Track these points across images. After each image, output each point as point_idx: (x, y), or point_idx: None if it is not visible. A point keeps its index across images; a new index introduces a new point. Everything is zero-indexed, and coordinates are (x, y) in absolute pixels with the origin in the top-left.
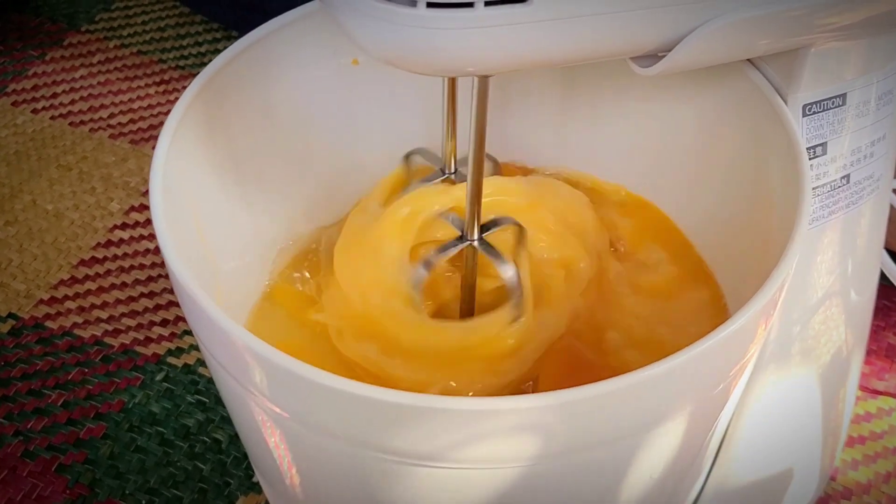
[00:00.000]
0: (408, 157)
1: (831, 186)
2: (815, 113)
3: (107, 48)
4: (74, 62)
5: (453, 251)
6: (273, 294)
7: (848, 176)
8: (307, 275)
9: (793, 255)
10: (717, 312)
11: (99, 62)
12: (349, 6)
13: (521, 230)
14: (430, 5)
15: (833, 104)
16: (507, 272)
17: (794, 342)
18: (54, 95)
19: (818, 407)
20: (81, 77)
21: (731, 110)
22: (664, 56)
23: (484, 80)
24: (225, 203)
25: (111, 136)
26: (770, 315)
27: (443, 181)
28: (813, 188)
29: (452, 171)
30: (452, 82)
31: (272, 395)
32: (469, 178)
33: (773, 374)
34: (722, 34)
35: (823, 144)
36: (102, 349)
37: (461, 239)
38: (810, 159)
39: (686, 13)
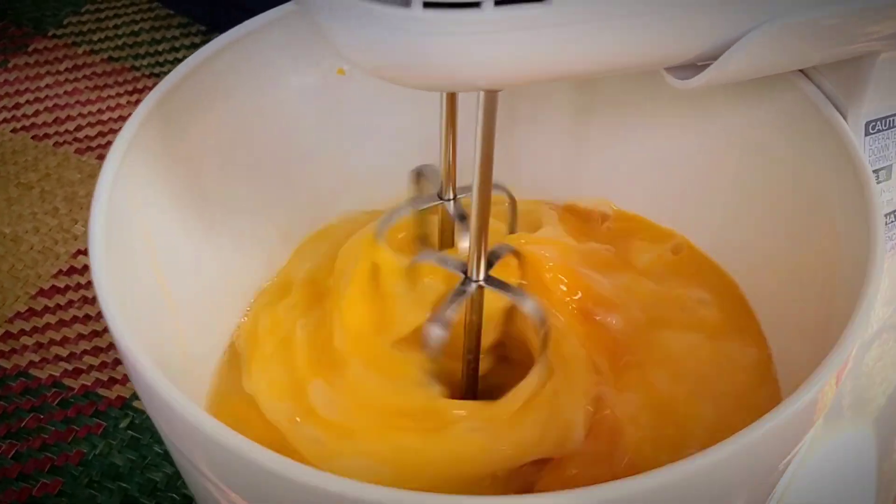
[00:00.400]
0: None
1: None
2: (879, 131)
3: (75, 54)
4: (39, 70)
5: (464, 298)
6: (246, 340)
7: None
8: (284, 316)
9: (867, 308)
10: (764, 372)
11: (66, 69)
12: (330, 8)
13: (521, 260)
14: (427, 5)
15: None
16: (531, 307)
17: (844, 383)
18: (17, 106)
19: (872, 458)
20: (47, 86)
21: (779, 129)
22: (705, 65)
23: (492, 95)
24: (189, 237)
25: (77, 151)
26: (838, 381)
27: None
28: None
29: (451, 196)
30: (452, 94)
31: (230, 483)
32: (474, 208)
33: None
34: (778, 39)
35: (888, 168)
36: (61, 392)
37: (466, 281)
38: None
39: (737, 14)
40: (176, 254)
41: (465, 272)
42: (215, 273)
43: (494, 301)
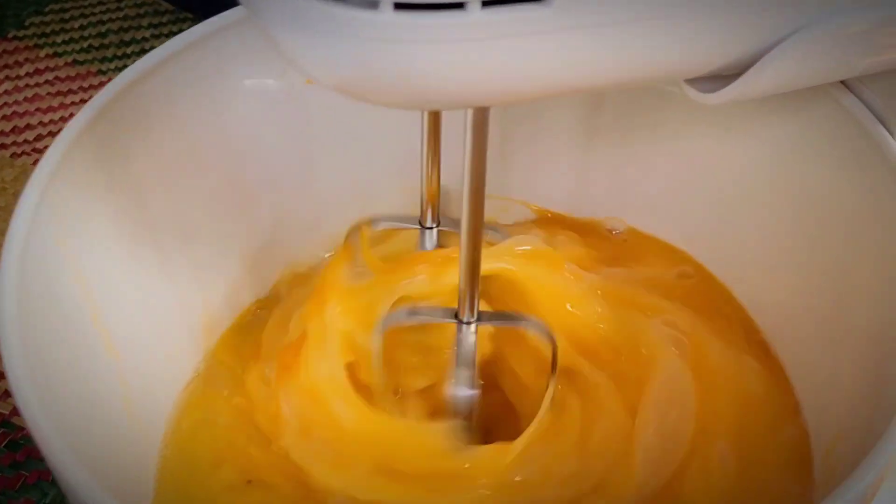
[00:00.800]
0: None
1: None
2: None
3: (37, 57)
4: None
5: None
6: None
7: None
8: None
9: None
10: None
11: (27, 74)
12: (282, 12)
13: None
14: (399, 6)
15: None
16: (537, 327)
17: None
18: None
19: None
20: (5, 92)
21: (815, 147)
22: (731, 77)
23: (481, 111)
24: (134, 272)
25: (36, 164)
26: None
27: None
28: None
29: (433, 224)
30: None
31: None
32: (463, 241)
33: None
34: (817, 48)
35: None
36: (9, 432)
37: (461, 325)
38: None
39: (771, 18)
40: (117, 293)
41: (455, 316)
42: (169, 313)
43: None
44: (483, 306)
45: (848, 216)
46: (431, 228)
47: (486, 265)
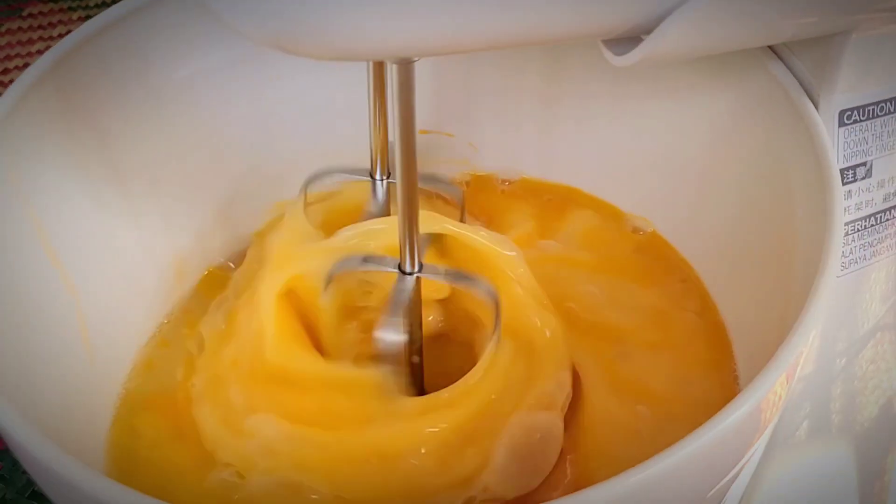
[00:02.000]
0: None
1: (876, 219)
2: (856, 122)
3: (69, 20)
4: (32, 35)
5: (408, 294)
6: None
7: None
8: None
9: (811, 322)
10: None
11: (59, 35)
12: None
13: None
14: None
15: (882, 111)
16: (479, 286)
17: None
18: (5, 71)
19: (853, 479)
20: (38, 51)
21: (748, 115)
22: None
23: (405, 68)
24: (97, 214)
25: None
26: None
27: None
28: (851, 221)
29: (382, 176)
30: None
31: None
32: (400, 193)
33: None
34: (718, 11)
35: (867, 164)
36: None
37: (402, 276)
38: (849, 183)
39: None
40: (77, 231)
41: (398, 267)
42: (133, 256)
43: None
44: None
45: (771, 181)
46: (382, 180)
47: (433, 227)
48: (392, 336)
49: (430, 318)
